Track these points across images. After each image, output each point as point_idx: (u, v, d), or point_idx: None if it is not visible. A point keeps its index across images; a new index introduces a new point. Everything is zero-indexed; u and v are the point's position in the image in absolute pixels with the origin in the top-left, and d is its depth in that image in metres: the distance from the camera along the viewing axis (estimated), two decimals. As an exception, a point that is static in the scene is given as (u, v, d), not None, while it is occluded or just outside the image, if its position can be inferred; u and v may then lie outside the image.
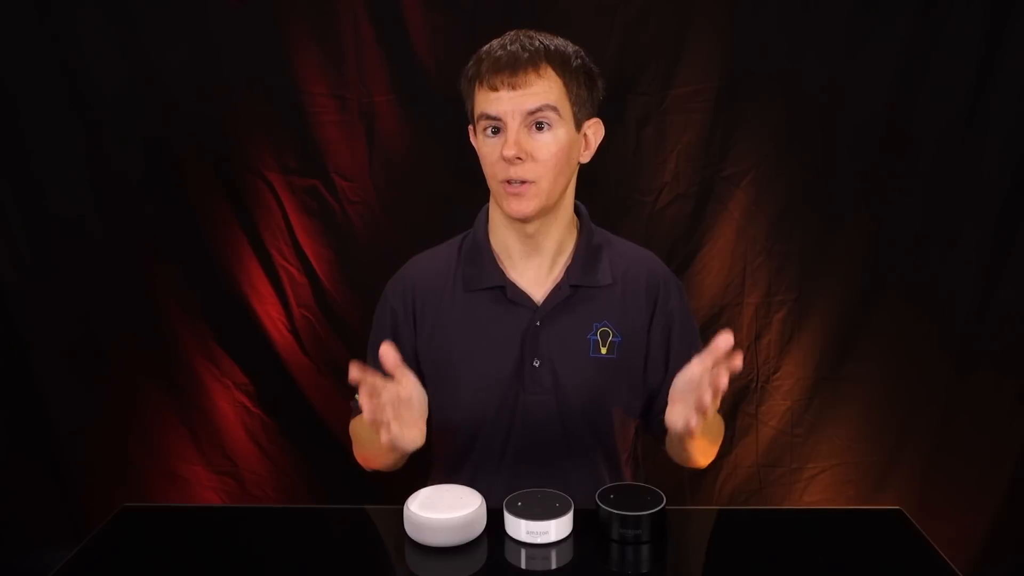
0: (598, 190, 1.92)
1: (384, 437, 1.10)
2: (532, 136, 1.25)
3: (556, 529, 1.12)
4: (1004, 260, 1.94)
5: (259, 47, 1.91)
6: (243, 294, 2.03)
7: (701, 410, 1.08)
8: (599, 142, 1.35)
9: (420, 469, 1.45)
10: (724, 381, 1.05)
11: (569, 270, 1.35)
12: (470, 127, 1.35)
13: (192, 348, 2.05)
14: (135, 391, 2.06)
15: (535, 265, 1.36)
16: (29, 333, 2.01)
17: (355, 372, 1.07)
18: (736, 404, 2.05)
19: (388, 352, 1.11)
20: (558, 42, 1.28)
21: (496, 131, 1.26)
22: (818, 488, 2.06)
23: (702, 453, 1.36)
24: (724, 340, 1.05)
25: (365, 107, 1.95)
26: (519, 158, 1.23)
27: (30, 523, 2.08)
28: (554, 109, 1.25)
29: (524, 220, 1.29)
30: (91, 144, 1.95)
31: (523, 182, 1.25)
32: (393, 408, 1.11)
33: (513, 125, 1.23)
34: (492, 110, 1.24)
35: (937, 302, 1.97)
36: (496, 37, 1.29)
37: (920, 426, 2.02)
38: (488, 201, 1.39)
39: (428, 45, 1.91)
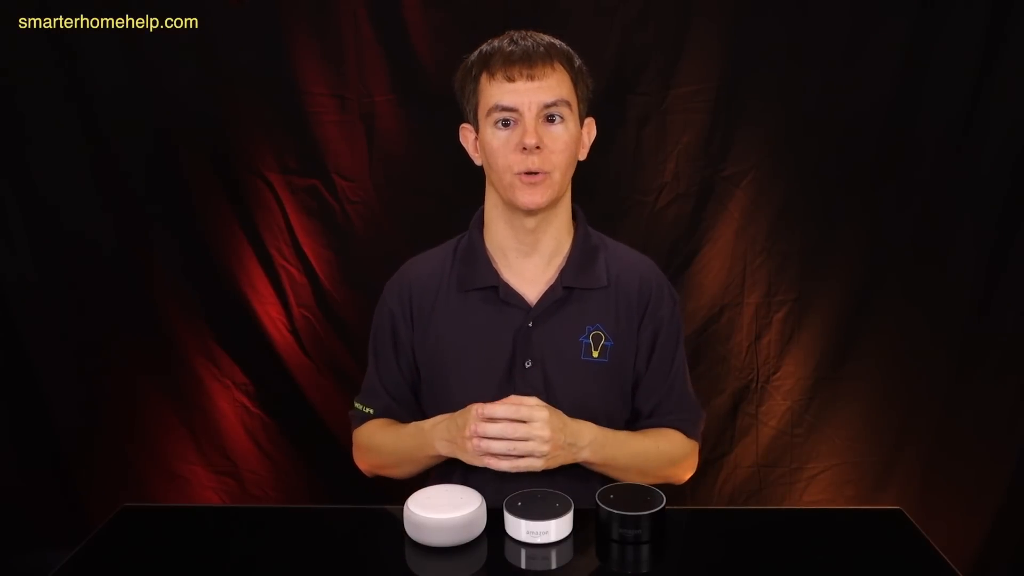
0: (598, 190, 1.93)
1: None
2: (546, 128, 1.26)
3: (556, 529, 1.12)
4: (1004, 260, 1.93)
5: (259, 47, 1.91)
6: (243, 294, 2.03)
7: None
8: (592, 141, 1.37)
9: (420, 469, 1.45)
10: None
11: (563, 271, 1.35)
12: (463, 127, 1.36)
13: (192, 348, 2.05)
14: (135, 391, 2.06)
15: (531, 265, 1.36)
16: (29, 333, 2.01)
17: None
18: (736, 404, 2.05)
19: None
20: (559, 41, 1.31)
21: (507, 124, 1.26)
22: (818, 488, 2.06)
23: (637, 478, 1.32)
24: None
25: (365, 107, 1.95)
26: (538, 147, 1.24)
27: (30, 523, 2.07)
28: (567, 104, 1.27)
29: (533, 212, 1.29)
30: (91, 144, 1.95)
31: (539, 172, 1.26)
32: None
33: (530, 116, 1.25)
34: (508, 101, 1.25)
35: (937, 302, 1.97)
36: (496, 37, 1.30)
37: (920, 426, 2.02)
38: (483, 203, 1.39)
39: (428, 45, 1.91)
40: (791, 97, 1.91)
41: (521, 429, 1.18)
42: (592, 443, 1.27)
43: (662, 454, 1.38)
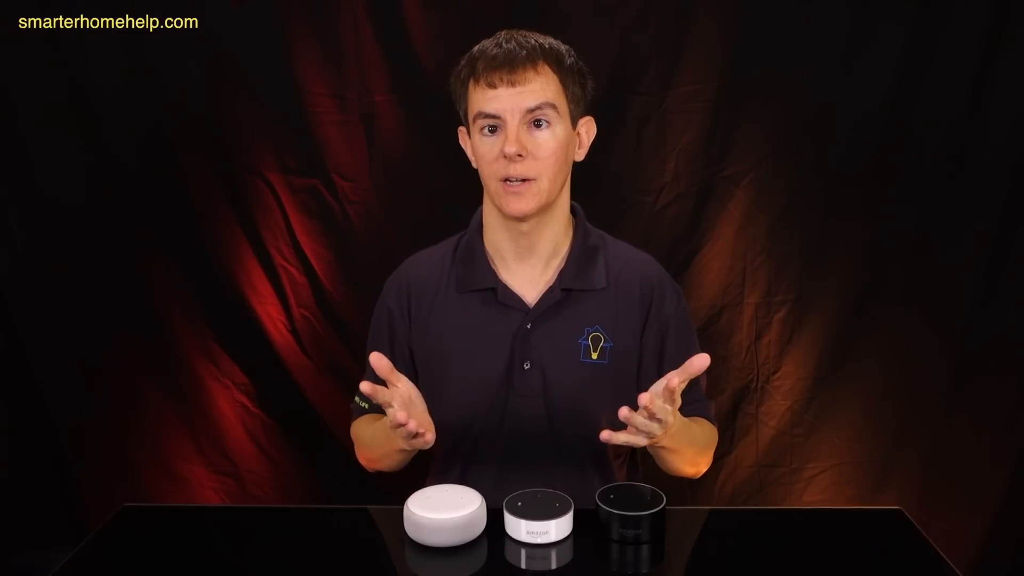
0: (598, 190, 1.93)
1: (407, 442, 1.15)
2: (531, 133, 1.24)
3: (556, 529, 1.12)
4: (1004, 260, 1.94)
5: (259, 47, 1.91)
6: (243, 294, 2.03)
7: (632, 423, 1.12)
8: (592, 140, 1.35)
9: (420, 469, 1.45)
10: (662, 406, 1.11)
11: (562, 273, 1.34)
12: (460, 129, 1.36)
13: (192, 348, 2.05)
14: (135, 391, 2.06)
15: (528, 267, 1.35)
16: (29, 333, 2.01)
17: (366, 388, 1.10)
18: (736, 404, 2.05)
19: (380, 361, 1.14)
20: (551, 40, 1.28)
21: (493, 130, 1.25)
22: (818, 488, 2.06)
23: (685, 463, 1.32)
24: (699, 360, 1.08)
25: (365, 107, 1.95)
26: (520, 155, 1.23)
27: (30, 523, 2.08)
28: (552, 107, 1.24)
29: (522, 218, 1.29)
30: (91, 144, 1.95)
31: (523, 180, 1.24)
32: (407, 410, 1.13)
33: (512, 123, 1.23)
34: (490, 108, 1.23)
35: (937, 302, 1.97)
36: (487, 38, 1.29)
37: (920, 426, 2.02)
38: (483, 203, 1.39)
39: (428, 45, 1.91)
40: (791, 97, 1.91)
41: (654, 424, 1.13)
42: (675, 429, 1.22)
43: (705, 438, 1.37)
